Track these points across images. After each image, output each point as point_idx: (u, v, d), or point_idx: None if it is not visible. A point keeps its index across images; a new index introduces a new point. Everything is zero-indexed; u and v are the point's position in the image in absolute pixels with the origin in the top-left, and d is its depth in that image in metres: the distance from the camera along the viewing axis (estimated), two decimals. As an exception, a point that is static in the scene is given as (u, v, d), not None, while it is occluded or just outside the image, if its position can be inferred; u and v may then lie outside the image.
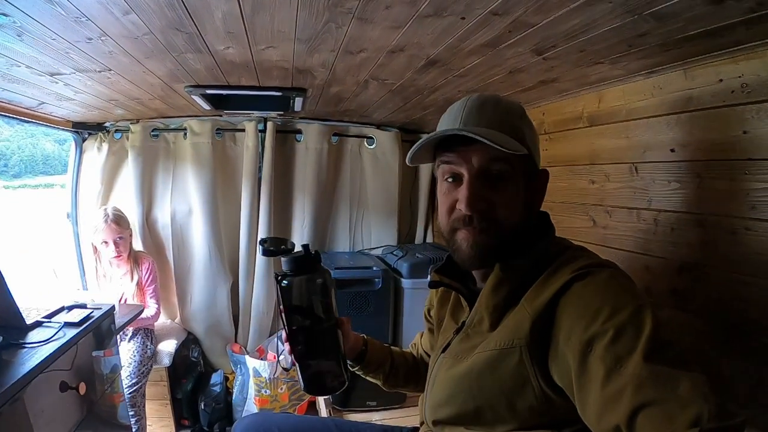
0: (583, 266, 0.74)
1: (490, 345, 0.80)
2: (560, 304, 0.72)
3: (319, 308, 0.90)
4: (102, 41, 1.18)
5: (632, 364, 0.60)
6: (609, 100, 1.38)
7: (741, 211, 0.99)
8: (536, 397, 0.74)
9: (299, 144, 2.79)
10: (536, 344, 0.73)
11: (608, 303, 0.67)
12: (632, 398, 0.58)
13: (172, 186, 2.68)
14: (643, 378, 0.58)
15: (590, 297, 0.70)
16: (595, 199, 1.43)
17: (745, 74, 0.98)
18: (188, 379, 2.61)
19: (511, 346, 0.75)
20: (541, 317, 0.73)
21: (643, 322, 0.63)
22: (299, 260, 0.89)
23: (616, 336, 0.63)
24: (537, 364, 0.73)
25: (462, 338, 0.89)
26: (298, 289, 0.88)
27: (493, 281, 0.82)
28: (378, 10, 0.99)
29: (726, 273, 1.02)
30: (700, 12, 0.86)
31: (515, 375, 0.75)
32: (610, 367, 0.61)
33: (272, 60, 1.40)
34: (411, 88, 1.73)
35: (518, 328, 0.75)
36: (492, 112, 0.83)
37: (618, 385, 0.60)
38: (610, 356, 0.62)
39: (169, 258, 2.73)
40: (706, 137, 1.07)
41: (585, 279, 0.72)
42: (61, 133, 2.46)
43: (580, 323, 0.67)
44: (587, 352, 0.65)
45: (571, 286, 0.73)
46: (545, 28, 1.03)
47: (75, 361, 1.49)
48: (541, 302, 0.74)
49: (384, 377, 1.16)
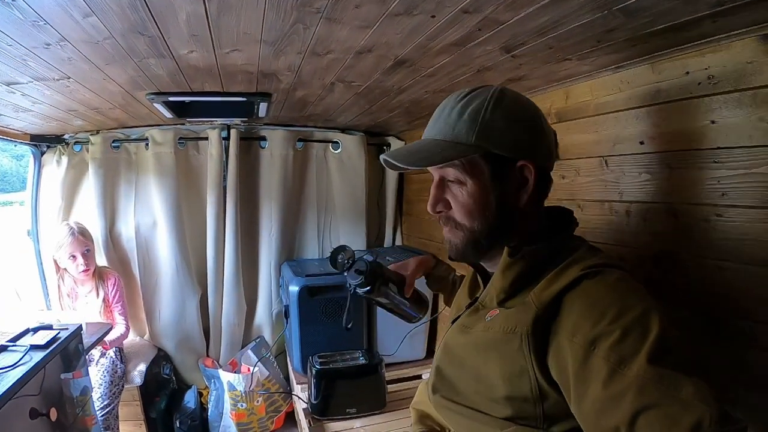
0: (594, 265, 0.75)
1: (495, 327, 0.81)
2: (567, 299, 0.73)
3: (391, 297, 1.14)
4: (61, 47, 1.12)
5: (636, 366, 0.60)
6: (577, 95, 1.40)
7: (712, 199, 1.01)
8: (531, 388, 0.74)
9: (264, 151, 2.74)
10: (537, 335, 0.73)
11: (616, 303, 0.68)
12: (635, 400, 0.58)
13: (135, 198, 2.61)
14: (646, 380, 0.59)
15: (598, 296, 0.70)
16: (566, 194, 1.45)
17: (711, 66, 1.00)
18: (161, 397, 2.54)
19: (513, 332, 0.76)
20: (546, 310, 0.74)
21: (650, 324, 0.64)
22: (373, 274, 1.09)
23: (622, 337, 0.63)
24: (535, 354, 0.73)
25: (471, 312, 0.92)
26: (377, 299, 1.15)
27: (501, 266, 0.84)
28: (347, 10, 0.97)
29: (700, 259, 1.04)
30: (669, 6, 0.87)
31: (514, 361, 0.76)
32: (614, 368, 0.62)
33: (237, 64, 1.36)
34: (377, 90, 1.71)
35: (523, 316, 0.76)
36: (453, 116, 0.84)
37: (621, 386, 0.60)
38: (615, 356, 0.63)
39: (135, 273, 2.65)
40: (675, 128, 1.09)
41: (595, 278, 0.73)
42: (19, 148, 2.36)
43: (586, 322, 0.68)
44: (591, 350, 0.65)
45: (580, 283, 0.73)
46: (515, 25, 1.03)
47: (43, 385, 1.44)
48: (548, 295, 0.75)
49: (445, 298, 1.36)
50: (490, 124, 0.81)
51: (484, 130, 0.81)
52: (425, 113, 2.10)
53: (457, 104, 0.84)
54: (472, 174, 0.82)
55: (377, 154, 2.99)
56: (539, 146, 0.86)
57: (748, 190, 0.93)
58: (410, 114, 2.18)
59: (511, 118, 0.82)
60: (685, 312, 1.07)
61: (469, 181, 0.83)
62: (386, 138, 2.96)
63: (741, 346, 0.96)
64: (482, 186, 0.83)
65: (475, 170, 0.82)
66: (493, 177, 0.83)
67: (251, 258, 2.84)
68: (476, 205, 0.83)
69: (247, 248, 2.81)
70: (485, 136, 0.80)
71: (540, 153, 0.86)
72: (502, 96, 0.84)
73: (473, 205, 0.83)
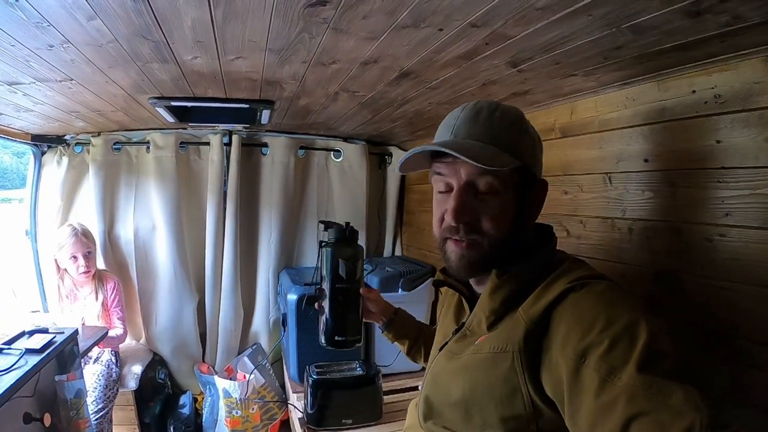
0: (580, 277, 0.75)
1: (485, 348, 0.81)
2: (555, 314, 0.73)
3: (351, 272, 1.07)
4: (64, 49, 1.11)
5: (626, 375, 0.60)
6: (581, 111, 1.40)
7: (715, 218, 1.01)
8: (525, 406, 0.74)
9: (265, 157, 2.74)
10: (529, 352, 0.73)
11: (603, 314, 0.67)
12: (625, 409, 0.58)
13: (134, 201, 2.60)
14: (636, 389, 0.59)
15: (586, 308, 0.70)
16: (569, 209, 1.44)
17: (718, 85, 1.00)
18: (156, 402, 2.52)
19: (504, 351, 0.76)
20: (535, 326, 0.74)
21: (638, 333, 0.63)
22: (341, 232, 1.11)
23: (611, 347, 0.63)
24: (528, 372, 0.73)
25: (459, 338, 0.91)
26: (337, 253, 1.07)
27: (490, 286, 0.83)
28: (355, 21, 0.97)
29: (701, 279, 1.04)
30: (678, 25, 0.87)
31: (506, 381, 0.75)
32: (604, 378, 0.62)
33: (241, 71, 1.36)
34: (381, 101, 1.71)
35: (513, 334, 0.76)
36: (484, 123, 0.83)
37: (611, 396, 0.60)
38: (605, 367, 0.62)
39: (132, 276, 2.63)
40: (680, 147, 1.09)
41: (581, 290, 0.73)
42: (20, 145, 2.33)
43: (575, 333, 0.68)
44: (581, 362, 0.65)
45: (567, 296, 0.73)
46: (523, 40, 1.03)
47: (37, 387, 1.42)
48: (536, 311, 0.75)
49: (408, 347, 1.30)
50: (524, 137, 0.85)
51: (521, 142, 0.83)
52: (428, 124, 2.10)
53: (493, 112, 0.84)
54: (506, 185, 0.81)
55: (379, 163, 3.00)
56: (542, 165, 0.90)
57: (751, 211, 0.93)
58: (413, 125, 2.18)
59: (534, 136, 0.88)
60: (684, 330, 1.07)
61: (509, 193, 0.82)
62: (388, 147, 2.96)
63: (740, 366, 0.95)
64: (511, 199, 0.82)
65: (509, 182, 0.81)
66: (519, 190, 0.83)
67: (250, 265, 2.83)
68: (505, 217, 0.82)
69: (246, 255, 2.79)
70: (522, 149, 0.83)
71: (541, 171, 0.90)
72: (519, 113, 0.88)
73: (503, 216, 0.82)
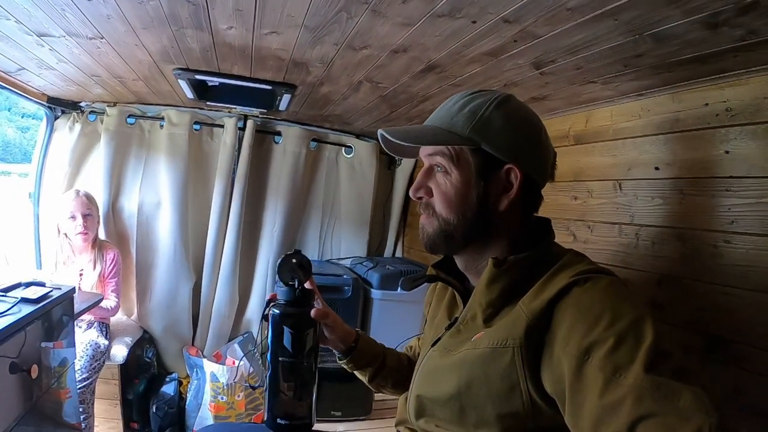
0: (583, 271, 0.73)
1: (483, 343, 0.78)
2: (558, 308, 0.71)
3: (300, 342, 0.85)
4: (104, 1, 1.13)
5: (632, 375, 0.59)
6: (596, 120, 1.45)
7: (721, 225, 1.05)
8: (523, 404, 0.72)
9: (277, 146, 2.76)
10: (530, 347, 0.71)
11: (608, 310, 0.66)
12: (632, 410, 0.57)
13: (142, 175, 2.60)
14: (643, 389, 0.57)
15: (590, 303, 0.68)
16: (577, 214, 1.48)
17: (729, 99, 1.06)
18: (141, 380, 2.48)
19: (504, 346, 0.74)
20: (537, 320, 0.72)
21: (644, 331, 0.63)
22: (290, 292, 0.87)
23: (616, 344, 0.62)
24: (528, 368, 0.71)
25: (453, 333, 0.88)
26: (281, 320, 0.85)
27: (486, 277, 0.81)
28: (394, 4, 1.01)
29: (706, 284, 1.07)
30: (697, 36, 0.93)
31: (504, 377, 0.73)
32: (609, 377, 0.60)
33: (272, 47, 1.39)
34: (402, 95, 1.76)
35: (513, 328, 0.74)
36: (455, 108, 0.84)
37: (617, 396, 0.59)
38: (610, 365, 0.61)
39: (131, 250, 2.62)
40: (690, 156, 1.14)
41: (585, 284, 0.71)
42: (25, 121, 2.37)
43: (579, 329, 0.66)
44: (585, 359, 0.64)
45: (571, 290, 0.71)
46: (550, 40, 1.07)
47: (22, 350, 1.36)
48: (538, 305, 0.72)
49: (370, 376, 1.10)
50: (486, 121, 0.81)
51: (479, 125, 0.81)
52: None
53: (462, 99, 0.85)
54: (459, 165, 0.82)
55: (389, 163, 3.04)
56: (532, 156, 0.84)
57: (757, 219, 0.98)
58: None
59: (510, 122, 0.82)
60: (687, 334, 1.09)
61: (455, 172, 0.82)
62: (399, 149, 2.99)
63: (742, 370, 0.98)
64: (466, 180, 0.82)
65: (463, 162, 0.82)
66: (478, 174, 0.82)
67: (250, 252, 2.83)
68: (456, 197, 0.83)
69: (248, 241, 2.80)
70: (479, 132, 0.80)
71: (532, 163, 0.83)
72: (506, 99, 0.84)
73: (453, 196, 0.83)
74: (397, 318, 2.34)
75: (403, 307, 2.37)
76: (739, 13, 0.82)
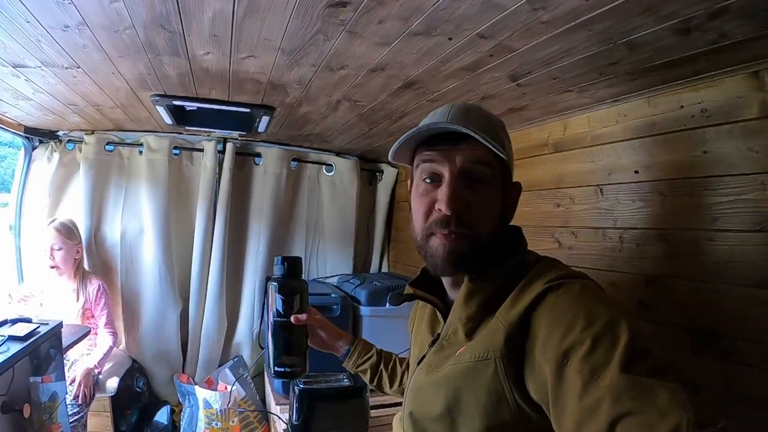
0: (556, 277, 0.73)
1: (466, 357, 0.78)
2: (534, 316, 0.71)
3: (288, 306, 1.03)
4: (78, 31, 1.12)
5: (609, 375, 0.59)
6: (574, 127, 1.47)
7: (704, 224, 1.07)
8: (511, 413, 0.72)
9: (258, 167, 2.76)
10: (511, 357, 0.72)
11: (583, 313, 0.66)
12: (610, 409, 0.57)
13: (123, 203, 2.57)
14: (620, 389, 0.58)
15: (564, 308, 0.69)
16: (560, 221, 1.50)
17: (704, 101, 1.09)
18: (133, 411, 2.44)
19: (486, 358, 0.74)
20: (515, 330, 0.72)
21: (619, 332, 0.63)
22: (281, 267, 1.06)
23: (593, 347, 0.62)
24: (512, 377, 0.71)
25: (437, 350, 0.88)
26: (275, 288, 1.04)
27: (464, 292, 0.81)
28: (371, 24, 1.02)
29: (691, 282, 1.09)
30: (669, 42, 0.95)
31: (490, 389, 0.73)
32: (587, 379, 0.61)
33: (249, 71, 1.39)
34: (381, 112, 1.77)
35: (493, 340, 0.74)
36: (476, 117, 0.83)
37: (595, 397, 0.59)
38: (587, 367, 0.61)
39: (116, 279, 2.58)
40: (669, 158, 1.16)
41: (558, 290, 0.71)
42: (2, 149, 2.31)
43: (555, 335, 0.67)
44: (563, 363, 0.64)
45: (545, 297, 0.72)
46: (525, 53, 1.09)
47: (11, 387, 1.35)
48: (515, 314, 0.73)
49: (370, 378, 1.22)
50: (505, 138, 0.85)
51: (505, 141, 0.84)
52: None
53: (481, 110, 0.86)
54: (496, 178, 0.82)
55: (369, 179, 3.04)
56: None
57: (738, 215, 1.00)
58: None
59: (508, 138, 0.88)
60: (676, 332, 1.11)
61: (495, 185, 0.82)
62: (380, 164, 3.01)
63: (731, 363, 1.00)
64: (498, 194, 0.83)
65: (498, 176, 0.82)
66: (503, 188, 0.84)
67: (236, 275, 2.80)
68: (493, 210, 0.82)
69: (233, 264, 2.77)
70: (506, 147, 0.84)
71: None
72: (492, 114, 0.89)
73: (491, 210, 0.82)
74: (387, 333, 2.29)
75: (392, 322, 2.34)
76: (710, 17, 0.84)
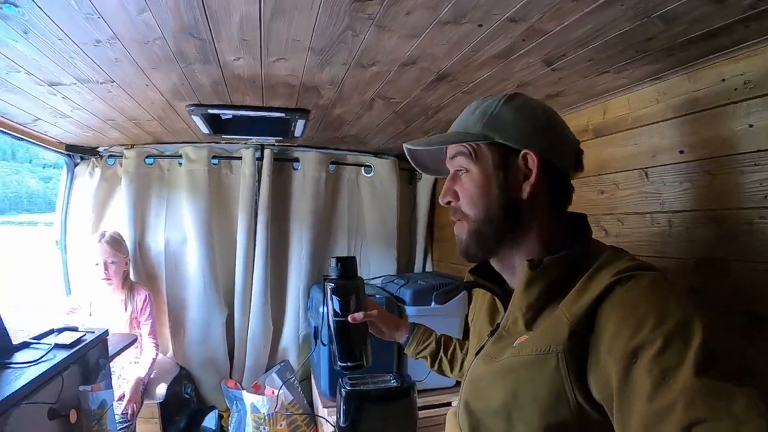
0: (625, 269, 0.70)
1: (526, 350, 0.76)
2: (601, 310, 0.68)
3: (345, 305, 1.09)
4: (110, 45, 1.16)
5: (682, 378, 0.57)
6: (614, 110, 1.43)
7: (754, 202, 1.02)
8: (571, 413, 0.69)
9: (296, 172, 2.80)
10: (575, 352, 0.69)
11: (654, 310, 0.63)
12: (683, 415, 0.55)
13: (165, 214, 2.65)
14: (694, 393, 0.55)
15: (634, 304, 0.66)
16: (605, 208, 1.46)
17: (746, 72, 1.04)
18: (181, 417, 2.51)
19: (548, 352, 0.72)
20: (580, 323, 0.69)
21: (692, 332, 0.60)
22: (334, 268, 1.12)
23: (664, 346, 0.60)
24: (574, 374, 0.69)
25: (496, 339, 0.87)
26: (331, 290, 1.10)
27: (523, 280, 0.79)
28: (398, 16, 1.02)
29: (745, 264, 1.04)
30: (704, 12, 0.92)
31: (550, 385, 0.71)
32: (658, 380, 0.58)
33: (281, 74, 1.42)
34: (415, 109, 1.77)
35: (556, 333, 0.72)
36: (468, 113, 0.88)
37: (667, 400, 0.57)
38: (658, 368, 0.59)
39: (162, 288, 2.66)
40: (714, 135, 1.11)
41: (628, 283, 0.68)
42: (47, 170, 2.46)
43: (624, 331, 0.64)
44: (632, 362, 0.62)
45: (613, 290, 0.69)
46: (558, 35, 1.07)
47: (61, 395, 1.37)
48: (580, 307, 0.70)
49: (430, 363, 1.26)
50: (497, 116, 0.83)
51: (491, 121, 0.83)
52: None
53: (474, 104, 0.89)
54: (478, 162, 0.84)
55: (409, 178, 3.05)
56: (548, 140, 0.83)
57: (791, 190, 0.94)
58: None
59: (520, 112, 0.84)
60: (728, 316, 1.06)
61: (474, 169, 0.84)
62: (417, 163, 3.00)
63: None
64: (485, 174, 0.83)
65: (481, 158, 0.84)
66: (496, 166, 0.83)
67: (280, 280, 2.85)
68: (479, 193, 0.84)
69: (277, 270, 2.82)
70: (492, 126, 0.83)
71: (548, 147, 0.82)
72: (515, 95, 0.86)
73: (476, 193, 0.84)
74: (432, 332, 2.31)
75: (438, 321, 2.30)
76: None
